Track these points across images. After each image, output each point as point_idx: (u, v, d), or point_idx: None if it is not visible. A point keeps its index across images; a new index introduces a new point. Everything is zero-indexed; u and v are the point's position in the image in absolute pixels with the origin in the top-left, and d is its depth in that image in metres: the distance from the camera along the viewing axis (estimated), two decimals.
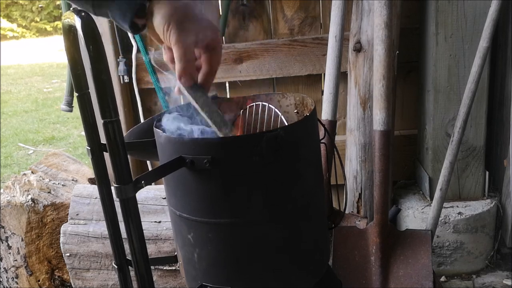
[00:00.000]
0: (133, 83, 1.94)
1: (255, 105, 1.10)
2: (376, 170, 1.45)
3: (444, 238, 1.79)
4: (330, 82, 1.54)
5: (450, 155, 1.56)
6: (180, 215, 0.88)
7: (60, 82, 6.76)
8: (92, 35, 0.70)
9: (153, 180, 0.79)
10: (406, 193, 1.92)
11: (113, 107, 0.72)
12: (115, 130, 0.73)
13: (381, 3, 1.41)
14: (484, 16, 1.50)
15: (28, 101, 5.89)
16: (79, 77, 0.82)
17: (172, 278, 1.60)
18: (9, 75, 7.67)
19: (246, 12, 1.87)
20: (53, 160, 2.01)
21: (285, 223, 0.87)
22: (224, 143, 0.81)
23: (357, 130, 1.69)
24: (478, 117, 1.72)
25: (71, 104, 1.99)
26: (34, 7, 12.29)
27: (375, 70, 1.44)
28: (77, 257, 1.62)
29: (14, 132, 4.64)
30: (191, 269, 0.92)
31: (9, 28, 12.15)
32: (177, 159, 0.80)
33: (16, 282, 1.80)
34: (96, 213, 1.63)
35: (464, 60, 1.66)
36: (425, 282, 1.44)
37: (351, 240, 1.52)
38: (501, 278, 1.80)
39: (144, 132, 1.05)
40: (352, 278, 1.49)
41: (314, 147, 0.93)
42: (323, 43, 1.82)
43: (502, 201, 1.82)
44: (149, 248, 1.54)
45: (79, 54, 0.81)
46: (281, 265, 0.89)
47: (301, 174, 0.88)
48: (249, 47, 1.88)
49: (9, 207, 1.73)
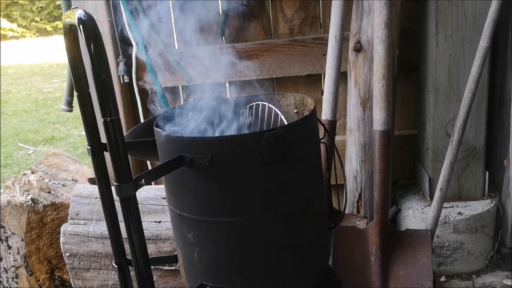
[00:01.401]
0: (133, 83, 1.94)
1: (255, 105, 1.10)
2: (376, 170, 1.45)
3: (444, 238, 1.79)
4: (330, 82, 1.54)
5: (450, 155, 1.56)
6: (180, 214, 0.88)
7: (60, 82, 6.77)
8: (93, 35, 0.71)
9: (153, 179, 0.79)
10: (406, 193, 1.92)
11: (113, 106, 0.72)
12: (115, 129, 0.73)
13: (381, 3, 1.41)
14: (484, 16, 1.50)
15: (28, 101, 5.89)
16: (79, 77, 0.82)
17: (172, 278, 1.60)
18: (9, 75, 7.67)
19: (246, 12, 1.87)
20: (53, 160, 2.01)
21: (285, 223, 0.87)
22: (224, 142, 0.81)
23: (357, 130, 1.69)
24: (478, 117, 1.72)
25: (71, 104, 1.99)
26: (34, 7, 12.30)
27: (375, 70, 1.44)
28: (77, 257, 1.62)
29: (14, 132, 4.64)
30: (191, 268, 0.92)
31: (9, 28, 12.15)
32: (177, 158, 0.80)
33: (16, 282, 1.80)
34: (96, 213, 1.63)
35: (464, 60, 1.66)
36: (425, 282, 1.44)
37: (351, 240, 1.52)
38: (501, 278, 1.80)
39: (144, 132, 1.05)
40: (352, 278, 1.49)
41: (314, 147, 0.93)
42: (323, 43, 1.82)
43: (502, 201, 1.82)
44: (149, 248, 1.54)
45: (79, 54, 0.81)
46: (281, 264, 0.89)
47: (301, 173, 0.88)
48: (249, 47, 1.88)
49: (9, 207, 1.73)
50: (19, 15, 12.31)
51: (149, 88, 1.96)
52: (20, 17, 12.33)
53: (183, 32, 1.94)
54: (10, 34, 12.11)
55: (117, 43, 1.89)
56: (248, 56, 1.89)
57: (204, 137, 0.84)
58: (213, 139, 0.83)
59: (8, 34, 12.03)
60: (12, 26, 12.19)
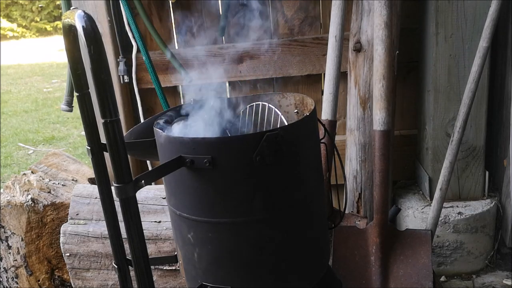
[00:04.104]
0: (133, 83, 1.94)
1: (255, 105, 1.10)
2: (376, 170, 1.45)
3: (444, 238, 1.79)
4: (330, 82, 1.54)
5: (450, 155, 1.56)
6: (180, 215, 0.88)
7: (60, 82, 6.76)
8: (93, 35, 0.70)
9: (153, 180, 0.79)
10: (406, 193, 1.92)
11: (113, 107, 0.72)
12: (115, 130, 0.73)
13: (381, 3, 1.41)
14: (484, 16, 1.50)
15: (28, 101, 5.89)
16: (79, 77, 0.82)
17: (172, 278, 1.60)
18: (9, 75, 7.67)
19: (246, 12, 1.87)
20: (53, 160, 2.01)
21: (285, 223, 0.87)
22: (224, 142, 0.81)
23: (357, 130, 1.69)
24: (478, 117, 1.72)
25: (71, 104, 1.99)
26: (34, 7, 12.29)
27: (375, 70, 1.44)
28: (77, 257, 1.62)
29: (14, 132, 4.64)
30: (191, 268, 0.92)
31: (9, 28, 12.14)
32: (177, 159, 0.80)
33: (16, 282, 1.80)
34: (96, 213, 1.63)
35: (464, 60, 1.66)
36: (425, 282, 1.44)
37: (351, 240, 1.52)
38: (501, 278, 1.80)
39: (144, 132, 1.05)
40: (352, 278, 1.49)
41: (314, 147, 0.93)
42: (323, 43, 1.82)
43: (502, 201, 1.82)
44: (149, 248, 1.54)
45: (79, 54, 0.81)
46: (281, 265, 0.89)
47: (301, 174, 0.88)
48: (249, 47, 1.88)
49: (9, 207, 1.73)
50: (19, 15, 12.31)
51: (149, 88, 1.96)
52: (20, 17, 12.33)
53: (183, 32, 1.94)
54: (10, 34, 12.11)
55: (117, 43, 1.89)
56: (248, 56, 1.89)
57: (204, 138, 0.84)
58: (213, 139, 0.82)
59: (8, 34, 12.03)
60: (12, 26, 12.19)
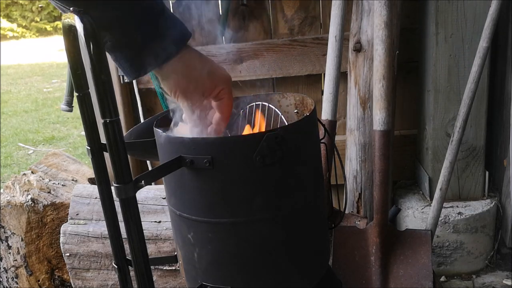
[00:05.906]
0: (133, 83, 1.94)
1: (255, 105, 1.10)
2: (376, 170, 1.45)
3: (444, 238, 1.79)
4: (330, 82, 1.54)
5: (450, 155, 1.56)
6: (180, 215, 0.88)
7: (60, 82, 6.77)
8: (92, 35, 0.70)
9: (153, 180, 0.79)
10: (406, 193, 1.92)
11: (113, 107, 0.72)
12: (115, 130, 0.73)
13: (381, 3, 1.41)
14: (484, 16, 1.50)
15: (28, 101, 5.89)
16: (79, 77, 0.82)
17: (172, 278, 1.60)
18: (9, 75, 7.67)
19: (246, 12, 1.87)
20: (53, 160, 2.01)
21: (285, 223, 0.87)
22: (224, 142, 0.81)
23: (357, 130, 1.69)
24: (478, 117, 1.72)
25: (71, 104, 1.99)
26: (34, 7, 12.30)
27: (375, 70, 1.44)
28: (77, 257, 1.62)
29: (14, 132, 4.64)
30: (191, 268, 0.92)
31: (9, 28, 12.15)
32: (177, 159, 0.80)
33: (16, 282, 1.80)
34: (96, 213, 1.63)
35: (464, 60, 1.66)
36: (425, 282, 1.44)
37: (351, 240, 1.52)
38: (501, 278, 1.80)
39: (144, 132, 1.05)
40: (352, 278, 1.49)
41: (314, 147, 0.93)
42: (323, 43, 1.82)
43: (502, 201, 1.82)
44: (149, 248, 1.54)
45: (79, 54, 0.81)
46: (281, 265, 0.89)
47: (301, 174, 0.88)
48: (249, 47, 1.88)
49: (9, 207, 1.73)
50: (19, 15, 12.32)
51: (149, 88, 1.96)
52: (20, 17, 12.34)
53: None
54: (10, 34, 12.11)
55: None
56: (248, 56, 1.89)
57: (204, 138, 0.84)
58: (213, 139, 0.82)
59: (8, 34, 12.04)
60: (12, 26, 12.20)
